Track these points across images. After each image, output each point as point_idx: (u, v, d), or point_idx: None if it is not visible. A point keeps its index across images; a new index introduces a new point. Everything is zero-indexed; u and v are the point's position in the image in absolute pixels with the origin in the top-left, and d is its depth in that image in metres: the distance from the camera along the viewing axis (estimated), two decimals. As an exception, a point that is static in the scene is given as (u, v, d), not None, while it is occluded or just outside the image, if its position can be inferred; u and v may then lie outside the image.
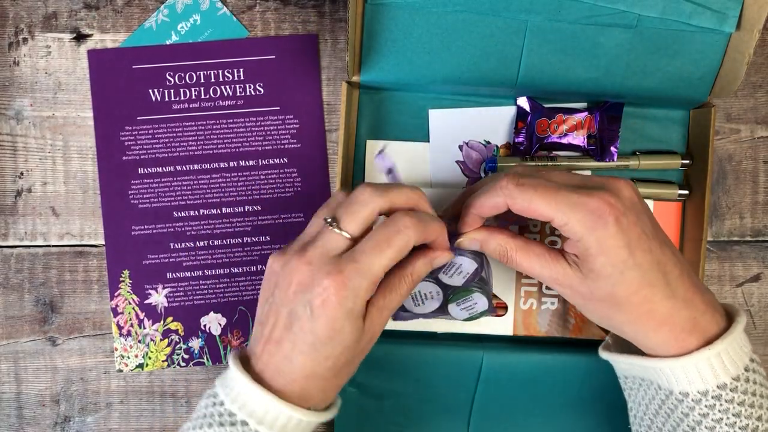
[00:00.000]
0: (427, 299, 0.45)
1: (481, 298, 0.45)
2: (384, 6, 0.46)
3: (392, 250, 0.37)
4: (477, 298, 0.45)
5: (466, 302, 0.45)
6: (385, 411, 0.51)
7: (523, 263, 0.41)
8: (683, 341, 0.38)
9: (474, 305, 0.45)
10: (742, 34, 0.46)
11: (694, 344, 0.38)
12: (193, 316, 0.53)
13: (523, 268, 0.41)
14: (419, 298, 0.45)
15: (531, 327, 0.51)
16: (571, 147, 0.51)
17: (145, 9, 0.52)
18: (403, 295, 0.40)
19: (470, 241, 0.42)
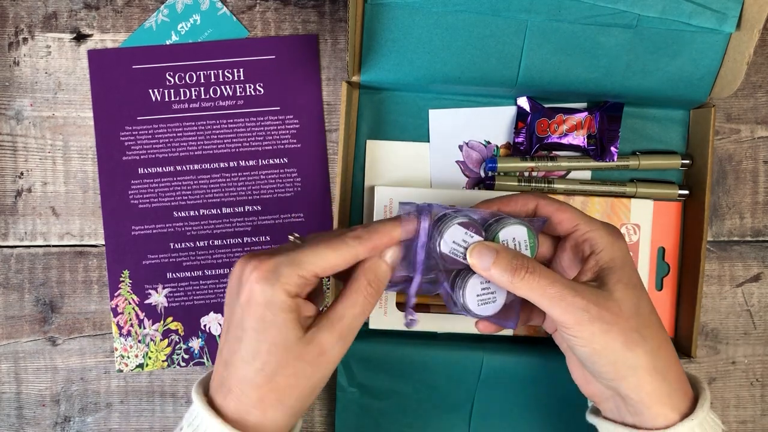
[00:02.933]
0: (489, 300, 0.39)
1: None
2: (384, 6, 0.46)
3: (330, 251, 0.35)
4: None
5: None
6: (386, 411, 0.51)
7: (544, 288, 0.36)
8: (681, 399, 0.37)
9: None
10: (742, 34, 0.46)
11: (686, 405, 0.37)
12: (193, 316, 0.53)
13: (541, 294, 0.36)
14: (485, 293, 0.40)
15: (531, 327, 0.51)
16: (571, 147, 0.51)
17: (145, 9, 0.52)
18: (361, 303, 0.36)
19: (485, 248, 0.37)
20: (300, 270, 0.35)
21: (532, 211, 0.41)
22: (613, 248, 0.38)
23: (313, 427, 0.54)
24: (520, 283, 0.36)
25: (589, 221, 0.39)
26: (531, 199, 0.40)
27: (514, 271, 0.36)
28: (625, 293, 0.36)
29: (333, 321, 0.36)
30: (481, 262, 0.37)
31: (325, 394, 0.53)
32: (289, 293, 0.35)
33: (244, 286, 0.35)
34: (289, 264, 0.35)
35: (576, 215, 0.39)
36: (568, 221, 0.39)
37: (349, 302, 0.36)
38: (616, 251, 0.38)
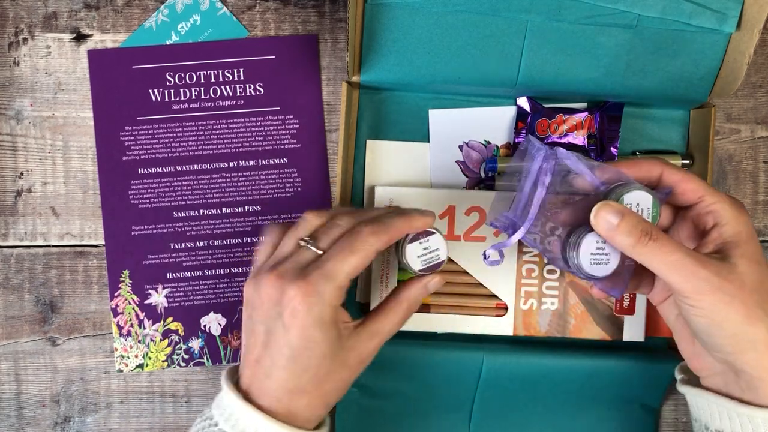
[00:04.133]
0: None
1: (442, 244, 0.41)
2: (384, 6, 0.46)
3: (355, 256, 0.37)
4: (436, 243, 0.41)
5: None
6: (386, 411, 0.51)
7: (667, 255, 0.35)
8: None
9: None
10: (742, 34, 0.46)
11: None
12: (193, 316, 0.53)
13: (663, 262, 0.35)
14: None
15: (531, 327, 0.51)
16: (571, 147, 0.51)
17: (145, 9, 0.52)
18: (398, 322, 0.40)
19: (610, 209, 0.36)
20: (336, 282, 0.37)
21: (656, 177, 0.39)
22: (738, 222, 0.37)
23: (313, 427, 0.54)
24: (642, 248, 0.35)
25: (714, 193, 0.38)
26: (656, 165, 0.39)
27: (639, 236, 0.35)
28: (750, 267, 0.36)
29: (372, 334, 0.39)
30: (606, 223, 0.36)
31: (325, 394, 0.53)
32: (333, 307, 0.37)
33: (287, 307, 0.37)
34: (325, 280, 0.37)
35: (702, 186, 0.38)
36: (692, 192, 0.38)
37: (388, 319, 0.40)
38: (741, 225, 0.37)
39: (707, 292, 0.35)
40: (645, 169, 0.39)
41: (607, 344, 0.52)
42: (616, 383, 0.50)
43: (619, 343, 0.51)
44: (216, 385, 0.53)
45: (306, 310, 0.36)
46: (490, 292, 0.51)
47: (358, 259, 0.38)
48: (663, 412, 0.53)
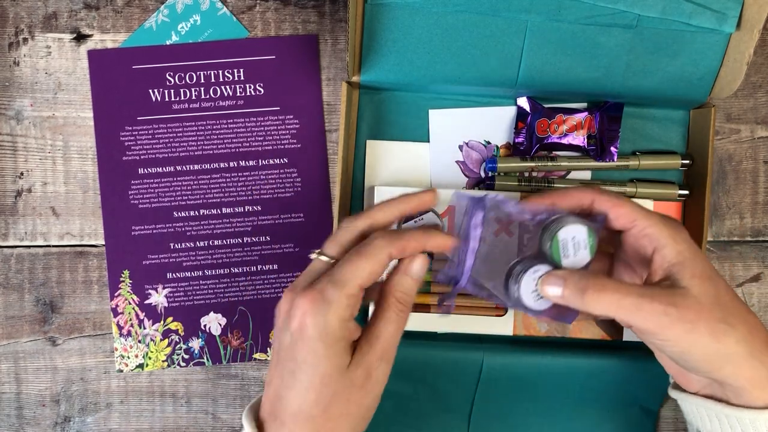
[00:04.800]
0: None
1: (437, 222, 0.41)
2: (384, 6, 0.46)
3: (367, 261, 0.35)
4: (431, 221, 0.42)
5: None
6: (386, 411, 0.51)
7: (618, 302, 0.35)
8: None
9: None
10: (742, 34, 0.46)
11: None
12: (193, 316, 0.53)
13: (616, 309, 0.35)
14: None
15: (531, 327, 0.51)
16: (571, 147, 0.51)
17: (145, 9, 0.52)
18: (394, 320, 0.37)
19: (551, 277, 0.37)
20: (346, 289, 0.34)
21: (588, 206, 0.40)
22: (676, 242, 0.37)
23: (313, 427, 0.54)
24: (593, 304, 0.36)
25: (647, 216, 0.38)
26: (587, 193, 0.40)
27: (584, 293, 0.36)
28: (702, 286, 0.36)
29: (371, 342, 0.36)
30: (551, 291, 0.37)
31: (325, 394, 0.53)
32: (341, 319, 0.34)
33: (294, 318, 0.35)
34: (334, 286, 0.34)
35: (633, 210, 0.38)
36: (625, 217, 0.38)
37: (382, 321, 0.36)
38: (680, 244, 0.37)
39: (668, 326, 0.35)
40: (576, 198, 0.40)
41: (607, 344, 0.52)
42: (615, 384, 0.50)
43: (619, 343, 0.51)
44: (216, 385, 0.53)
45: (312, 321, 0.34)
46: (490, 292, 0.51)
47: (369, 264, 0.35)
48: (663, 413, 0.53)
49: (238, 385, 0.53)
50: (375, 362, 0.36)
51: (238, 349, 0.53)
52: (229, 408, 0.53)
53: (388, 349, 0.36)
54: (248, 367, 0.53)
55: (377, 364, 0.36)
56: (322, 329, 0.34)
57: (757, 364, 0.35)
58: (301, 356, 0.34)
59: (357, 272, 0.35)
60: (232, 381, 0.53)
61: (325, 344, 0.34)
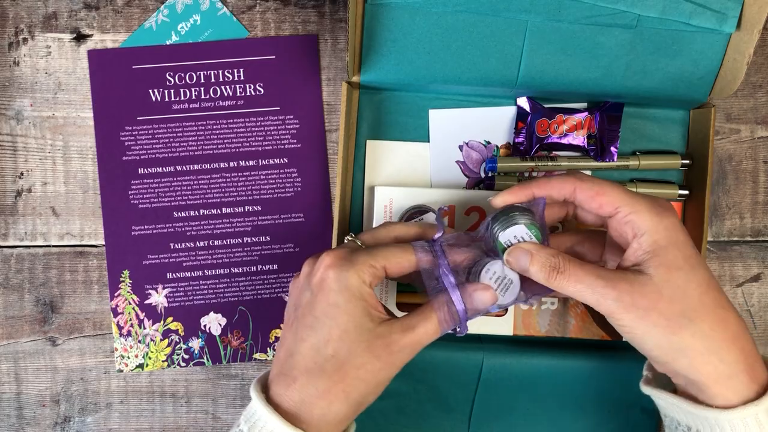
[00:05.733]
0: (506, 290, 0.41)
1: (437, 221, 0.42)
2: (384, 6, 0.46)
3: (402, 252, 0.37)
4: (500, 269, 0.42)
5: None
6: (386, 411, 0.51)
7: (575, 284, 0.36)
8: (747, 382, 0.35)
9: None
10: (742, 34, 0.46)
11: (753, 390, 0.35)
12: (193, 316, 0.53)
13: (574, 290, 0.36)
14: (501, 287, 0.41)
15: (531, 327, 0.51)
16: (571, 147, 0.51)
17: (145, 9, 0.52)
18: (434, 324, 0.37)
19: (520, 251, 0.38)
20: (372, 260, 0.36)
21: (570, 194, 0.39)
22: (656, 230, 0.36)
23: (313, 427, 0.54)
24: (555, 282, 0.37)
25: (632, 202, 0.37)
26: (568, 182, 0.39)
27: (549, 271, 0.37)
28: (667, 275, 0.35)
29: (405, 327, 0.36)
30: (518, 264, 0.38)
31: (325, 394, 0.53)
32: (362, 280, 0.35)
33: (316, 274, 0.36)
34: (362, 253, 0.36)
35: (616, 197, 0.37)
36: (608, 205, 0.38)
37: (422, 317, 0.37)
38: (659, 232, 0.36)
39: (621, 311, 0.35)
40: (556, 188, 0.40)
41: (607, 344, 0.52)
42: (616, 384, 0.50)
43: (619, 343, 0.51)
44: (216, 385, 0.53)
45: (334, 274, 0.35)
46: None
47: (402, 256, 0.37)
48: (663, 412, 0.53)
49: (238, 385, 0.53)
50: (400, 344, 0.36)
51: (238, 349, 0.53)
52: (229, 408, 0.53)
53: (416, 343, 0.37)
54: (248, 367, 0.53)
55: (402, 346, 0.36)
56: (343, 283, 0.35)
57: (716, 360, 0.35)
58: (321, 308, 0.35)
59: (389, 256, 0.37)
60: (232, 381, 0.53)
61: (345, 298, 0.35)
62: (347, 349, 0.35)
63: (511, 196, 0.40)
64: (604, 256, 0.42)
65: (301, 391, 0.35)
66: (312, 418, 0.35)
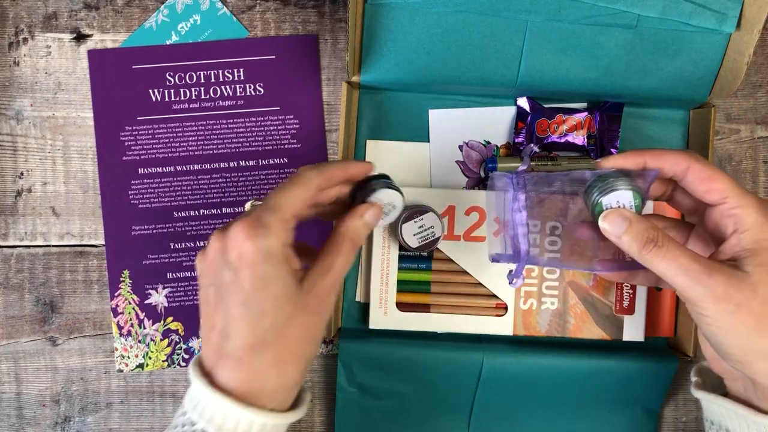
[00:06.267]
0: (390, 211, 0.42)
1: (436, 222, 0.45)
2: (384, 6, 0.46)
3: (296, 188, 0.36)
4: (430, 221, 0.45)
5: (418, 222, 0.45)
6: (386, 411, 0.51)
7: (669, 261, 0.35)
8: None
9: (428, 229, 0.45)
10: (742, 34, 0.46)
11: None
12: (193, 316, 0.53)
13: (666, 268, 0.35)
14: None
15: (531, 327, 0.51)
16: (571, 147, 0.51)
17: (145, 9, 0.52)
18: (345, 255, 0.37)
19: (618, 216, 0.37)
20: (280, 214, 0.35)
21: (681, 172, 0.37)
22: (761, 230, 0.35)
23: (313, 427, 0.54)
24: (648, 255, 0.35)
25: (741, 195, 0.36)
26: (683, 159, 0.37)
27: (644, 242, 0.36)
28: (765, 277, 0.34)
29: (324, 272, 0.36)
30: (613, 229, 0.37)
31: (325, 394, 0.53)
32: (281, 242, 0.34)
33: (232, 249, 0.34)
34: (269, 213, 0.34)
35: (727, 186, 0.36)
36: (717, 192, 0.36)
37: (335, 255, 0.37)
38: (764, 233, 0.35)
39: (711, 301, 0.34)
40: (671, 162, 0.38)
41: (607, 344, 0.52)
42: (616, 384, 0.50)
43: (619, 343, 0.51)
44: (216, 385, 0.53)
45: (253, 245, 0.33)
46: (490, 292, 0.51)
47: (301, 191, 0.36)
48: (664, 413, 0.53)
49: (238, 385, 0.53)
50: (327, 290, 0.36)
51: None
52: (229, 408, 0.53)
53: (337, 282, 0.37)
54: (248, 367, 0.53)
55: (328, 292, 0.36)
56: (265, 252, 0.34)
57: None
58: (249, 283, 0.34)
59: (290, 199, 0.35)
60: (232, 381, 0.53)
61: (272, 265, 0.34)
62: (284, 314, 0.34)
63: (623, 160, 0.38)
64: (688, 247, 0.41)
65: (249, 368, 0.34)
66: (267, 391, 0.35)
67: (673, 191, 0.40)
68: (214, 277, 0.35)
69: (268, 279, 0.34)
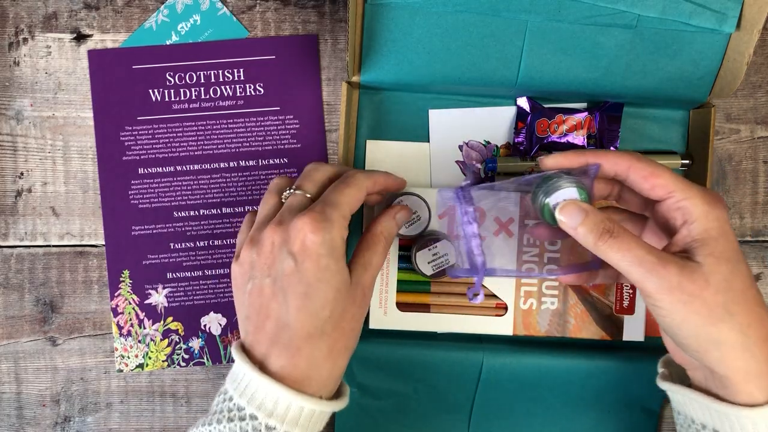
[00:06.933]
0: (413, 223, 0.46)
1: (450, 249, 0.46)
2: (384, 6, 0.46)
3: (351, 188, 0.38)
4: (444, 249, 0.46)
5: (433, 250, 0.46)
6: (386, 411, 0.51)
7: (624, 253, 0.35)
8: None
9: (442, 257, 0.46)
10: (742, 34, 0.46)
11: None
12: (193, 316, 0.53)
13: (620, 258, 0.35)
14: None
15: (531, 327, 0.51)
16: (571, 147, 0.51)
17: (145, 9, 0.52)
18: (381, 252, 0.40)
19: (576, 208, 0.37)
20: (341, 210, 0.37)
21: (624, 171, 0.38)
22: (707, 218, 0.36)
23: (313, 427, 0.54)
24: (603, 246, 0.36)
25: (685, 188, 0.37)
26: (624, 159, 0.38)
27: (600, 233, 0.36)
28: (717, 266, 0.35)
29: (366, 267, 0.39)
30: (569, 220, 0.37)
31: (325, 394, 0.53)
32: (342, 237, 0.37)
33: (295, 240, 0.36)
34: (332, 208, 0.37)
35: (671, 181, 0.37)
36: (661, 188, 0.37)
37: (373, 252, 0.40)
38: (711, 222, 0.35)
39: (665, 292, 0.34)
40: (612, 161, 0.39)
41: (607, 344, 0.52)
42: (616, 384, 0.50)
43: (619, 343, 0.51)
44: (216, 385, 0.53)
45: (320, 238, 0.35)
46: (490, 292, 0.51)
47: (356, 192, 0.38)
48: (664, 413, 0.53)
49: (238, 385, 0.53)
50: (368, 285, 0.39)
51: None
52: (229, 408, 0.53)
53: (375, 276, 0.40)
54: (248, 367, 0.53)
55: (369, 286, 0.39)
56: (330, 246, 0.36)
57: (749, 356, 0.35)
58: (312, 274, 0.35)
59: (347, 198, 0.38)
60: (232, 381, 0.53)
61: (335, 260, 0.36)
62: (341, 307, 0.36)
63: (564, 159, 0.39)
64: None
65: (308, 357, 0.36)
66: (320, 378, 0.36)
67: (620, 191, 0.41)
68: (270, 269, 0.37)
69: (330, 271, 0.36)
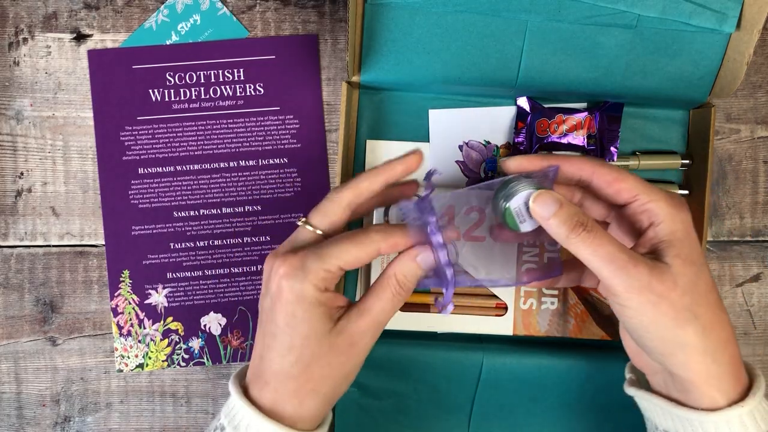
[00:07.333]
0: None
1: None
2: (384, 6, 0.46)
3: (356, 248, 0.36)
4: None
5: None
6: (386, 411, 0.51)
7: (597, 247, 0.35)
8: (732, 384, 0.35)
9: None
10: (742, 34, 0.46)
11: (737, 392, 0.35)
12: (193, 316, 0.53)
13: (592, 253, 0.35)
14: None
15: (531, 327, 0.51)
16: (571, 147, 0.51)
17: (145, 9, 0.52)
18: (388, 299, 0.37)
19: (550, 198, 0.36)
20: (325, 264, 0.35)
21: (587, 177, 0.38)
22: (673, 221, 0.36)
23: (313, 427, 0.54)
24: (575, 239, 0.35)
25: (650, 191, 0.37)
26: (587, 165, 0.38)
27: (573, 226, 0.35)
28: (683, 268, 0.35)
29: (361, 313, 0.37)
30: (542, 210, 0.36)
31: (325, 394, 0.53)
32: (317, 288, 0.35)
33: (272, 282, 0.36)
34: (315, 259, 0.35)
35: (635, 185, 0.37)
36: (627, 191, 0.37)
37: (376, 296, 0.37)
38: (677, 224, 0.36)
39: (635, 291, 0.34)
40: (576, 167, 0.38)
41: (607, 344, 0.52)
42: (615, 384, 0.50)
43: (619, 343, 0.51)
44: (216, 385, 0.53)
45: (289, 285, 0.35)
46: (490, 292, 0.51)
47: (356, 250, 0.36)
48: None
49: (238, 385, 0.53)
50: (360, 332, 0.36)
51: (238, 349, 0.53)
52: (229, 408, 0.53)
53: (376, 324, 0.37)
54: (248, 367, 0.53)
55: (362, 334, 0.37)
56: (298, 294, 0.35)
57: (710, 360, 0.35)
58: (281, 318, 0.35)
59: (342, 254, 0.36)
60: (232, 381, 0.53)
61: (302, 308, 0.35)
62: (310, 353, 0.36)
63: (526, 161, 0.39)
64: None
65: (273, 393, 0.36)
66: (286, 415, 0.36)
67: (581, 198, 0.41)
68: (262, 300, 0.38)
69: (297, 319, 0.35)
